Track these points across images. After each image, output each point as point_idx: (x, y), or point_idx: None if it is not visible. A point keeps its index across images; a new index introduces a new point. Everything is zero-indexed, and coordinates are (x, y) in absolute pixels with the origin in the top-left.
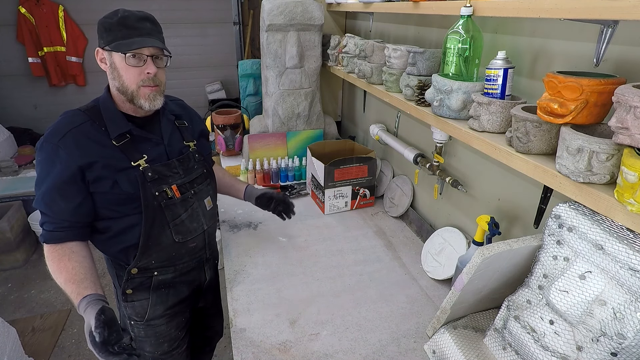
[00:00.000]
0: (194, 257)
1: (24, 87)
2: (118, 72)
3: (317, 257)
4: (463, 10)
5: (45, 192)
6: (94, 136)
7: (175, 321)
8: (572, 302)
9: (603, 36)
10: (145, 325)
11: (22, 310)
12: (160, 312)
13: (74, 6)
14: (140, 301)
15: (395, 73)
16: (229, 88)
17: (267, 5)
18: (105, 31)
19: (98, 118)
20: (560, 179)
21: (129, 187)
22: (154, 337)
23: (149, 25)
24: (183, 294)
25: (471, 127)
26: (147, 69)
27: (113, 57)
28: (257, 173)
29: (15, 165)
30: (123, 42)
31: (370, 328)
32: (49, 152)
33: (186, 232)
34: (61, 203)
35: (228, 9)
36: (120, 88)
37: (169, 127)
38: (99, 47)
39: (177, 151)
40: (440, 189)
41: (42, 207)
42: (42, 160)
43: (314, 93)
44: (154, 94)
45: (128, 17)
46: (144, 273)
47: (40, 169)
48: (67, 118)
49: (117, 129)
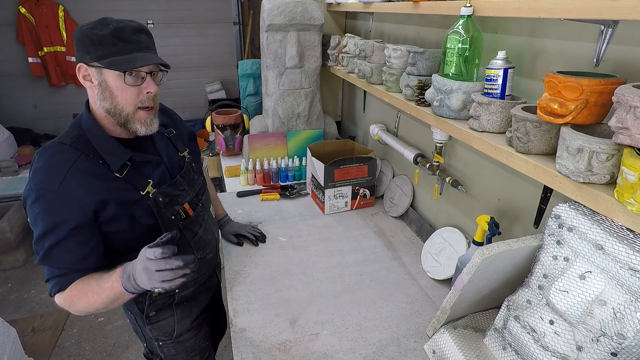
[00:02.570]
0: (209, 267)
1: (24, 87)
2: (111, 92)
3: (317, 257)
4: (463, 10)
5: (53, 246)
6: (95, 172)
7: (202, 332)
8: (572, 302)
9: (603, 36)
10: (175, 342)
11: (22, 310)
12: (187, 326)
13: (74, 6)
14: (166, 319)
15: (395, 73)
16: (229, 88)
17: (267, 5)
18: (94, 45)
19: (90, 150)
20: (560, 179)
21: (148, 218)
22: (185, 353)
23: (145, 38)
24: (204, 303)
25: (471, 127)
26: (147, 89)
27: (104, 75)
28: (257, 173)
29: (15, 165)
30: (121, 58)
31: (370, 328)
32: (50, 201)
33: (204, 246)
34: (75, 254)
35: (228, 9)
36: (112, 110)
37: (162, 141)
38: (82, 62)
39: (176, 166)
40: (440, 189)
41: (52, 263)
42: (41, 212)
43: (314, 93)
44: (150, 118)
45: (123, 29)
46: (165, 294)
47: (43, 223)
48: (56, 156)
49: (117, 159)
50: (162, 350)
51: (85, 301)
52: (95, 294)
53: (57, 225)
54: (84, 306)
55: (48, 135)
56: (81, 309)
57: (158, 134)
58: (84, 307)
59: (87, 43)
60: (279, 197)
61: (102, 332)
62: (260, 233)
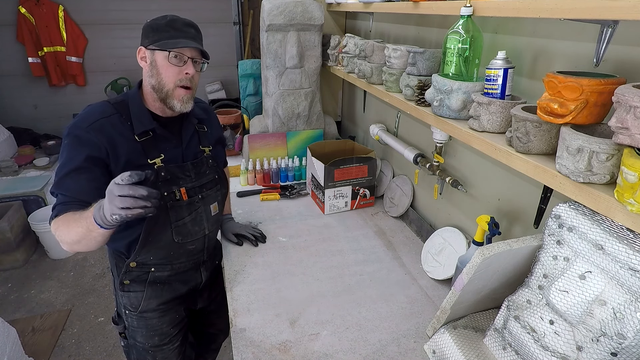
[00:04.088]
0: (191, 259)
1: (24, 87)
2: (157, 69)
3: (317, 257)
4: (463, 10)
5: (68, 173)
6: (120, 129)
7: (168, 317)
8: (572, 302)
9: (603, 36)
10: (138, 316)
11: (22, 310)
12: (153, 306)
13: (74, 6)
14: (136, 292)
15: (395, 73)
16: (229, 88)
17: (267, 5)
18: (152, 31)
19: (125, 112)
20: (560, 179)
21: None
22: (145, 329)
23: (193, 31)
24: (178, 292)
25: (471, 127)
26: (186, 70)
27: (155, 55)
28: (257, 173)
29: (15, 165)
30: (169, 41)
31: (370, 328)
32: (77, 136)
33: (187, 234)
34: (85, 184)
35: (228, 9)
36: (157, 86)
37: (189, 130)
38: (141, 45)
39: (192, 155)
40: (440, 189)
41: (62, 189)
42: (68, 144)
43: (314, 93)
44: (187, 96)
45: (176, 21)
46: (141, 268)
47: (65, 153)
48: (97, 107)
49: (142, 125)
50: (126, 318)
51: (66, 230)
52: (75, 222)
53: (75, 156)
54: (65, 234)
55: (48, 135)
56: (63, 237)
57: (189, 124)
58: (65, 236)
59: (148, 30)
60: (279, 197)
61: (102, 332)
62: (261, 233)
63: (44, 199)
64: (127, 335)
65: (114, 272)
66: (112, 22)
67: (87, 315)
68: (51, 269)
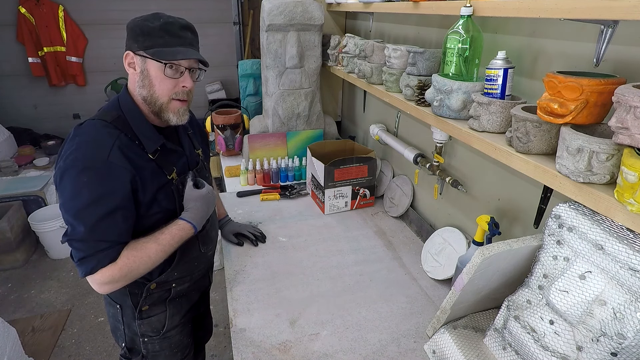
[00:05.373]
0: (207, 265)
1: (24, 87)
2: (150, 80)
3: (317, 257)
4: (463, 10)
5: (102, 217)
6: (134, 150)
7: (187, 329)
8: (572, 302)
9: (603, 36)
10: (161, 338)
11: (22, 310)
12: (176, 322)
13: (74, 6)
14: (157, 315)
15: (395, 73)
16: (229, 88)
17: (267, 5)
18: (143, 35)
19: (128, 130)
20: (560, 179)
21: (168, 203)
22: (169, 349)
23: (190, 35)
24: (193, 300)
25: (471, 127)
26: (183, 82)
27: (147, 64)
28: (257, 173)
29: (15, 165)
30: (164, 50)
31: (370, 328)
32: (100, 172)
33: (209, 241)
34: (122, 225)
35: (228, 9)
36: (149, 98)
37: (185, 136)
38: (129, 50)
39: (194, 162)
40: (440, 189)
41: (96, 236)
42: (90, 182)
43: (314, 93)
44: (183, 109)
45: (172, 24)
46: (162, 287)
47: (89, 193)
48: (101, 130)
49: (152, 143)
50: (145, 346)
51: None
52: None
53: (106, 196)
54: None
55: (48, 135)
56: (142, 270)
57: (182, 129)
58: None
59: (137, 33)
60: (279, 197)
61: (102, 332)
62: (261, 233)
63: (44, 199)
64: None
65: (125, 303)
66: (112, 22)
67: (87, 315)
68: (51, 269)
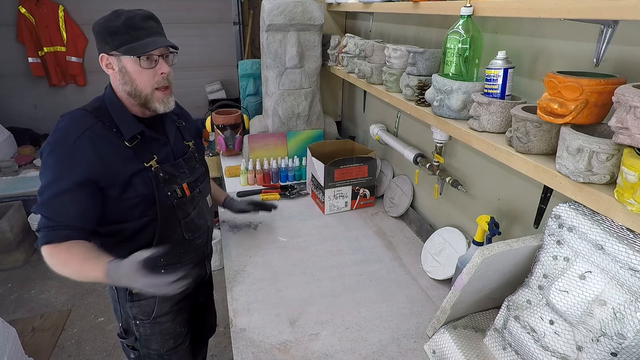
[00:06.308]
0: (198, 254)
1: (24, 87)
2: (130, 76)
3: (317, 257)
4: (463, 10)
5: (54, 195)
6: (107, 137)
7: (180, 317)
8: (572, 302)
9: (603, 36)
10: (151, 323)
11: (22, 310)
12: (166, 309)
13: (74, 6)
14: (147, 300)
15: (395, 73)
16: (229, 88)
17: (267, 5)
18: (110, 35)
19: (107, 119)
20: (560, 179)
21: (144, 188)
22: (160, 335)
23: (154, 24)
24: (187, 290)
25: (471, 127)
26: (160, 70)
27: (123, 62)
28: (257, 173)
29: (15, 165)
30: (134, 45)
31: (370, 328)
32: (64, 154)
33: (195, 229)
34: (71, 208)
35: (228, 9)
36: (133, 92)
37: (172, 127)
38: (103, 53)
39: (180, 151)
40: (440, 189)
41: (48, 212)
42: (55, 163)
43: (314, 93)
44: (167, 97)
45: (133, 18)
46: None
47: (51, 172)
48: (77, 119)
49: (130, 130)
50: (137, 329)
51: (63, 264)
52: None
53: (63, 177)
54: (60, 267)
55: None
56: (58, 270)
57: (169, 120)
58: (59, 268)
59: (104, 35)
60: (279, 197)
61: (102, 332)
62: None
63: None
64: (140, 346)
65: None
66: None
67: (87, 315)
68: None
